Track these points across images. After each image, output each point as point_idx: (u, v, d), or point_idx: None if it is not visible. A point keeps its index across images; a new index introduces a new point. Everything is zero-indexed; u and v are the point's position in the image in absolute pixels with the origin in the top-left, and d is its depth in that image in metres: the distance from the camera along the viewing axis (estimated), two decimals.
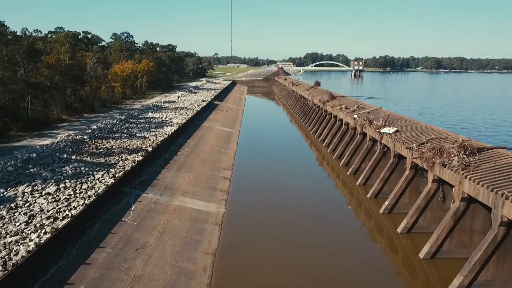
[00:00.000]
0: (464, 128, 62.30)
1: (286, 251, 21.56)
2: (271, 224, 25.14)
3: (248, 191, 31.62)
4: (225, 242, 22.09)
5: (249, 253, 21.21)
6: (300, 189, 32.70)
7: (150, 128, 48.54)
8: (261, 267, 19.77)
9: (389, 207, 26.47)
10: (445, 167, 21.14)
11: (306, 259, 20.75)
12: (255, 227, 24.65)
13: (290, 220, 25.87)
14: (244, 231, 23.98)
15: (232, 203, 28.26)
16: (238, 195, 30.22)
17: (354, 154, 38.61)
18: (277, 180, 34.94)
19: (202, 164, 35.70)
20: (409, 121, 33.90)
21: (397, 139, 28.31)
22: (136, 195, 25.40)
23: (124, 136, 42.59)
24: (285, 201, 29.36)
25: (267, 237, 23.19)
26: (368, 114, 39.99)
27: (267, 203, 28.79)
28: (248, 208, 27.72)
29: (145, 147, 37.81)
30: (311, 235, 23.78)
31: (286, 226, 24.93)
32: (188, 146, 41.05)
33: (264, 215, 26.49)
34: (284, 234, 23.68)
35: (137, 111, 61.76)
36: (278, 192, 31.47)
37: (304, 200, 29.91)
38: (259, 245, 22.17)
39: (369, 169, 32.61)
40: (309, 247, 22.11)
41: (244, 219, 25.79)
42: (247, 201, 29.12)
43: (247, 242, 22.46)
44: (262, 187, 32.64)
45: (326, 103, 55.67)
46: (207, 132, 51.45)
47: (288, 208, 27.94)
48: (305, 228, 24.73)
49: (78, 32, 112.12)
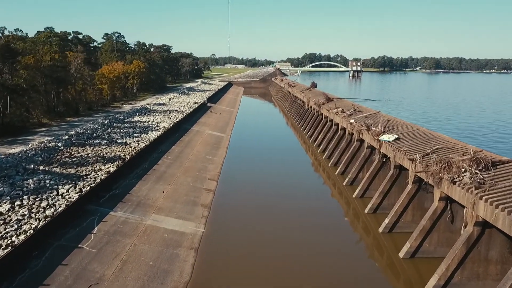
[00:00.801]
0: (471, 135, 57.16)
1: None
2: (256, 249, 21.98)
3: (233, 206, 28.48)
4: (199, 271, 18.99)
5: (228, 286, 18.13)
6: (292, 204, 29.34)
7: (134, 133, 45.50)
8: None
9: (389, 225, 23.45)
10: (455, 184, 18.14)
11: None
12: (237, 253, 21.41)
13: (279, 244, 22.70)
14: (223, 258, 20.80)
15: (213, 221, 25.18)
16: (222, 211, 27.14)
17: (350, 162, 35.61)
18: (267, 191, 31.89)
19: (184, 174, 32.63)
20: (411, 127, 30.87)
21: (398, 148, 25.30)
22: (102, 213, 22.34)
23: (104, 142, 39.54)
24: (274, 219, 26.27)
25: (251, 266, 20.11)
26: (366, 119, 37.01)
27: (254, 222, 25.68)
28: (231, 228, 24.62)
29: (124, 155, 34.79)
30: (306, 266, 20.53)
31: (274, 253, 21.71)
32: (172, 154, 37.98)
33: (249, 238, 23.33)
34: (273, 264, 20.45)
35: (124, 114, 58.69)
36: (266, 207, 28.38)
37: (297, 221, 26.19)
38: (241, 276, 19.06)
39: (367, 180, 29.58)
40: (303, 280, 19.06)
41: (226, 242, 22.63)
42: (231, 219, 26.01)
43: (226, 273, 19.31)
44: (249, 201, 29.44)
45: (321, 105, 52.68)
46: (195, 137, 48.39)
47: (277, 228, 24.86)
48: (299, 258, 21.07)
49: (68, 32, 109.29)
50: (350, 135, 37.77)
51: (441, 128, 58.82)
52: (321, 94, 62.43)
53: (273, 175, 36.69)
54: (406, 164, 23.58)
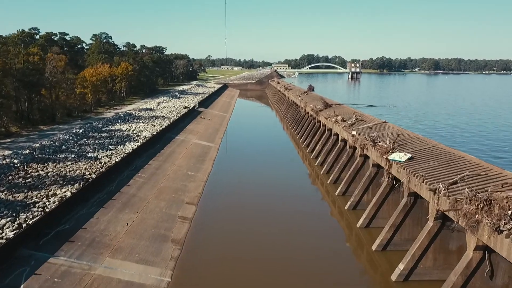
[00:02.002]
0: (494, 149, 48.72)
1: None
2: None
3: (212, 240, 23.50)
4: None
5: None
6: (287, 243, 23.99)
7: (109, 144, 40.56)
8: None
9: (405, 272, 18.57)
10: (500, 234, 13.32)
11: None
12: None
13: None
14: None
15: (184, 264, 20.23)
16: (197, 248, 22.20)
17: (353, 181, 30.76)
18: (255, 220, 26.96)
19: (157, 198, 27.70)
20: (425, 143, 25.95)
21: (413, 172, 20.44)
22: (38, 261, 17.40)
23: (72, 157, 34.59)
24: (264, 263, 21.31)
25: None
26: (370, 130, 32.18)
27: (237, 268, 20.76)
28: (205, 275, 19.65)
29: (90, 174, 29.87)
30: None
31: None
32: (147, 170, 33.05)
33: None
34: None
35: (103, 122, 53.72)
36: (254, 244, 23.41)
37: (296, 268, 21.16)
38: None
39: (374, 206, 24.71)
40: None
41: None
42: (207, 261, 21.02)
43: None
44: (232, 235, 24.37)
45: (319, 112, 47.83)
46: (178, 148, 43.45)
47: (268, 275, 19.94)
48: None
49: (53, 33, 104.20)
50: (352, 149, 32.94)
51: (456, 143, 51.05)
52: (319, 99, 57.62)
53: (263, 196, 31.76)
54: (425, 194, 18.73)
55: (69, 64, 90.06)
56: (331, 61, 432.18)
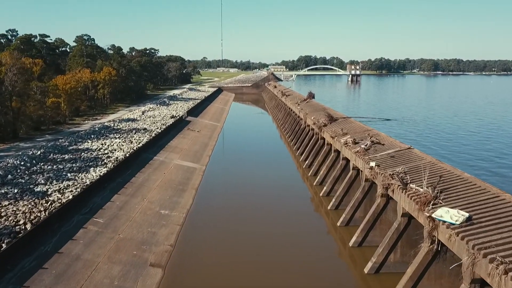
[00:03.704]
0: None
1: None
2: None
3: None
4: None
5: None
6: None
7: (70, 171, 33.25)
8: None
9: None
10: None
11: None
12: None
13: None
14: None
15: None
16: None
17: (372, 228, 23.51)
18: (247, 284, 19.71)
19: (110, 261, 20.32)
20: (484, 191, 18.10)
21: (480, 251, 13.22)
22: None
23: (14, 192, 27.27)
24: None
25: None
26: (393, 160, 24.97)
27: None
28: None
29: (24, 223, 22.56)
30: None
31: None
32: (107, 212, 25.68)
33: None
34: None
35: (73, 138, 46.34)
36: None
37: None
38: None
39: (410, 281, 17.45)
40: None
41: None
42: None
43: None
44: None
45: (323, 128, 40.65)
46: (154, 173, 36.11)
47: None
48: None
49: (33, 35, 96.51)
50: (369, 183, 25.72)
51: None
52: (321, 110, 50.48)
53: (257, 247, 24.46)
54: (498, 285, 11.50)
55: (49, 69, 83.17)
56: (329, 63, 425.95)
